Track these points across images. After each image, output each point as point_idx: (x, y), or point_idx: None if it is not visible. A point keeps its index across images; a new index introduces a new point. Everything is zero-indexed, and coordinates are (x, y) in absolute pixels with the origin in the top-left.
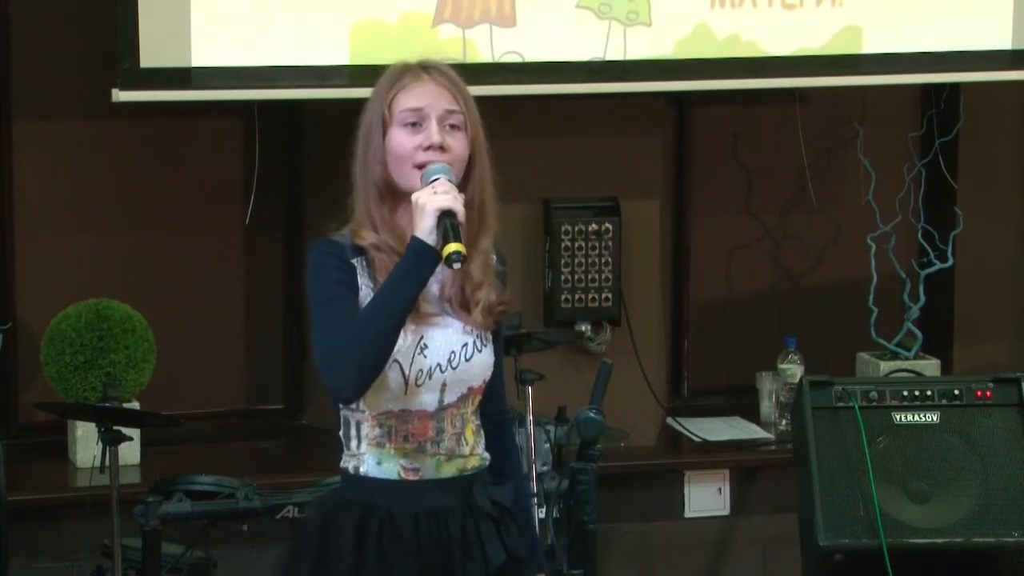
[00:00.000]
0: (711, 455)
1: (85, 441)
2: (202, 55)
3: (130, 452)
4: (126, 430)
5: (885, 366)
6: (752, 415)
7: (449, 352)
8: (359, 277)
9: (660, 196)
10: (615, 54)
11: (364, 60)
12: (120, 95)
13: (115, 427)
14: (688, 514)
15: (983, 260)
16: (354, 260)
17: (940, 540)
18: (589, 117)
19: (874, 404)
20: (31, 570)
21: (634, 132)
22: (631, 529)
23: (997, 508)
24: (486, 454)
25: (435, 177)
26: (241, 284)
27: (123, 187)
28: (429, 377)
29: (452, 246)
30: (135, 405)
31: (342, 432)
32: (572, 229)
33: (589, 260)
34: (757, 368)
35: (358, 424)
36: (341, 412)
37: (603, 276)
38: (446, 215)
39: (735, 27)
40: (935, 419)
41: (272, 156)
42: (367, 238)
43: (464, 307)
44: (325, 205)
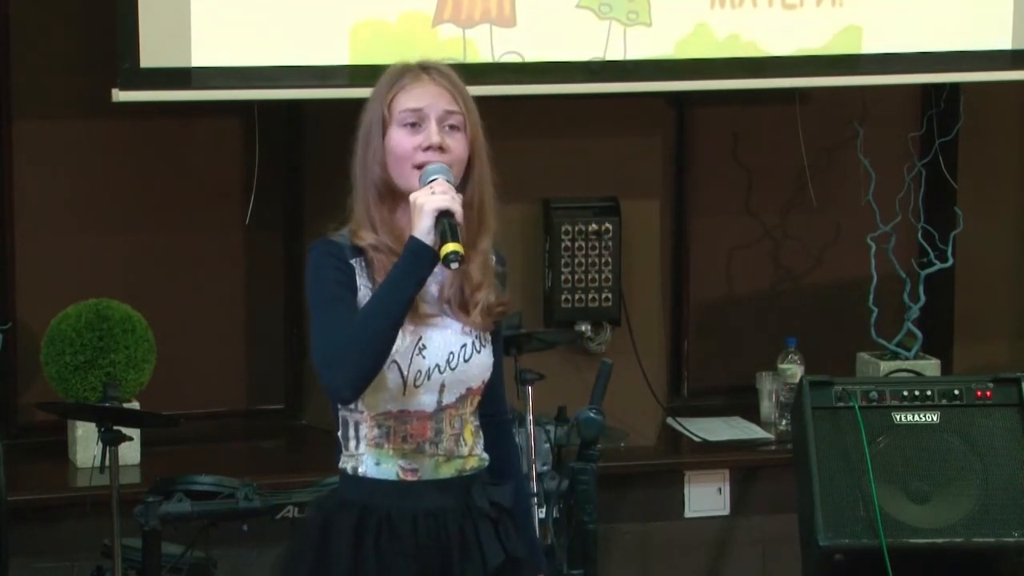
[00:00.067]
0: (711, 455)
1: (85, 441)
2: (202, 55)
3: (130, 452)
4: (126, 430)
5: (885, 366)
6: (752, 415)
7: (448, 353)
8: (358, 277)
9: (660, 196)
10: (615, 54)
11: (364, 60)
12: (120, 95)
13: (115, 427)
14: (688, 514)
15: (983, 260)
16: (353, 260)
17: (940, 540)
18: (589, 117)
19: (874, 404)
20: (31, 570)
21: (634, 132)
22: (631, 529)
23: (997, 508)
24: (485, 455)
25: (433, 177)
26: (241, 284)
27: (123, 187)
28: (428, 378)
29: (450, 246)
30: (135, 405)
31: (341, 433)
32: (572, 229)
33: (589, 260)
34: (757, 368)
35: (357, 425)
36: (340, 413)
37: (603, 276)
38: (444, 215)
39: (735, 27)
40: (935, 419)
41: (272, 156)
42: (366, 238)
43: (463, 308)
44: (325, 205)
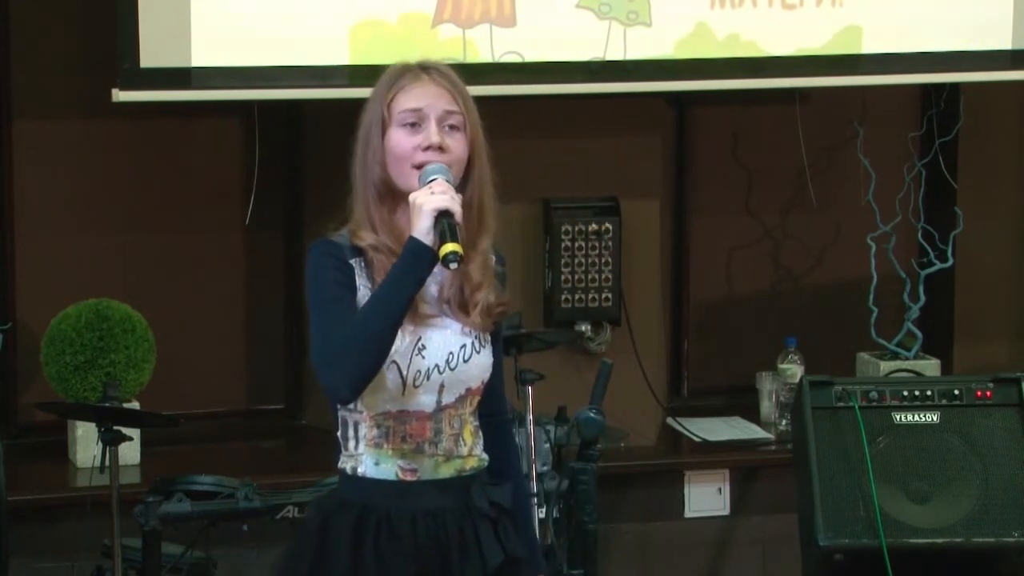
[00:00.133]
0: (711, 455)
1: (85, 441)
2: (202, 55)
3: (130, 452)
4: (126, 430)
5: (885, 366)
6: (752, 415)
7: (447, 353)
8: (357, 277)
9: (660, 196)
10: (615, 54)
11: (364, 60)
12: (120, 95)
13: (115, 427)
14: (688, 514)
15: (983, 260)
16: (352, 260)
17: (940, 540)
18: (589, 117)
19: (874, 404)
20: (31, 570)
21: (634, 132)
22: (631, 529)
23: (997, 508)
24: (484, 455)
25: (433, 178)
26: (241, 284)
27: (123, 187)
28: (427, 378)
29: (449, 246)
30: (135, 405)
31: (340, 433)
32: (572, 229)
33: (589, 260)
34: (757, 368)
35: (356, 425)
36: (339, 413)
37: (603, 276)
38: (443, 215)
39: (735, 27)
40: (935, 419)
41: (272, 156)
42: (366, 239)
43: (463, 308)
44: (325, 205)
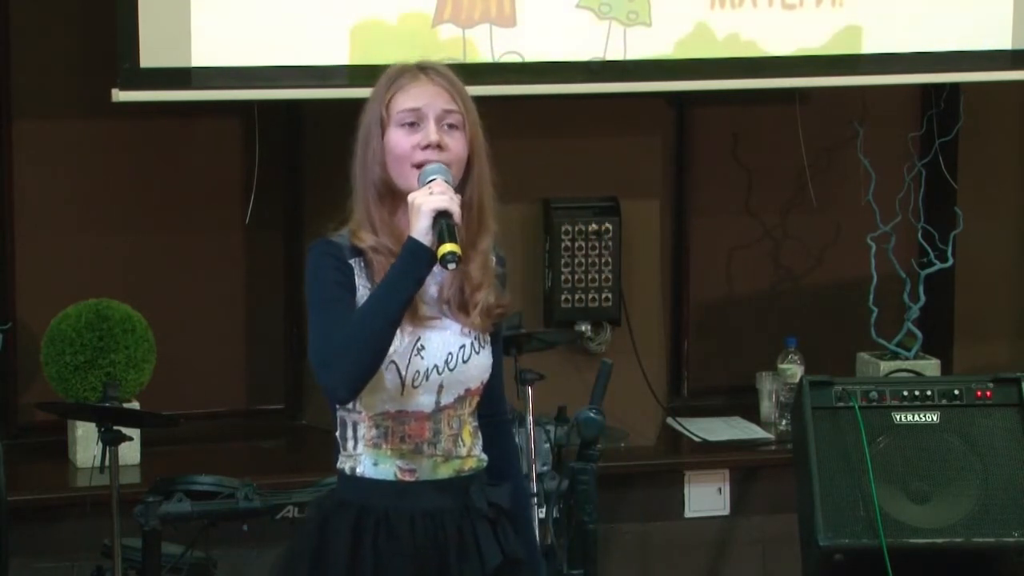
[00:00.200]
0: (711, 455)
1: (85, 441)
2: (202, 55)
3: (130, 452)
4: (126, 430)
5: (885, 366)
6: (752, 415)
7: (446, 354)
8: (357, 278)
9: (660, 196)
10: (615, 54)
11: (364, 60)
12: (120, 95)
13: (115, 427)
14: (688, 514)
15: (983, 260)
16: (352, 260)
17: (940, 540)
18: (589, 117)
19: (874, 404)
20: (31, 570)
21: (634, 132)
22: (631, 529)
23: (997, 508)
24: (484, 455)
25: (432, 178)
26: (241, 284)
27: (123, 187)
28: (426, 378)
29: (447, 247)
30: (135, 405)
31: (339, 433)
32: (572, 229)
33: (589, 260)
34: (757, 368)
35: (355, 425)
36: (338, 413)
37: (603, 276)
38: (442, 216)
39: (735, 27)
40: (935, 419)
41: (272, 156)
42: (366, 240)
43: (463, 309)
44: (325, 205)
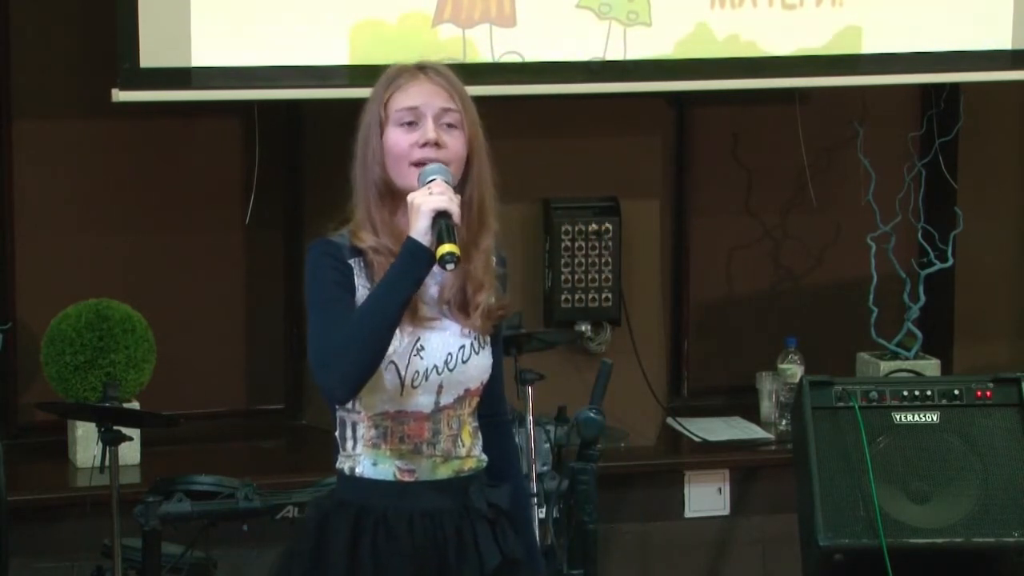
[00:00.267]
0: (711, 455)
1: (85, 441)
2: (202, 55)
3: (130, 452)
4: (126, 430)
5: (885, 366)
6: (752, 415)
7: (446, 354)
8: (356, 278)
9: (660, 196)
10: (615, 54)
11: (364, 60)
12: (120, 95)
13: (115, 427)
14: (688, 514)
15: (983, 260)
16: (351, 260)
17: (940, 540)
18: (589, 117)
19: (874, 404)
20: (31, 570)
21: (634, 132)
22: (631, 529)
23: (997, 508)
24: (483, 456)
25: (431, 178)
26: (241, 284)
27: (123, 187)
28: (425, 379)
29: (446, 247)
30: (135, 405)
31: (338, 433)
32: (572, 229)
33: (589, 260)
34: (757, 368)
35: (354, 425)
36: (337, 413)
37: (603, 276)
38: (441, 216)
39: (735, 27)
40: (935, 419)
41: (272, 156)
42: (366, 240)
43: (463, 310)
44: (325, 205)
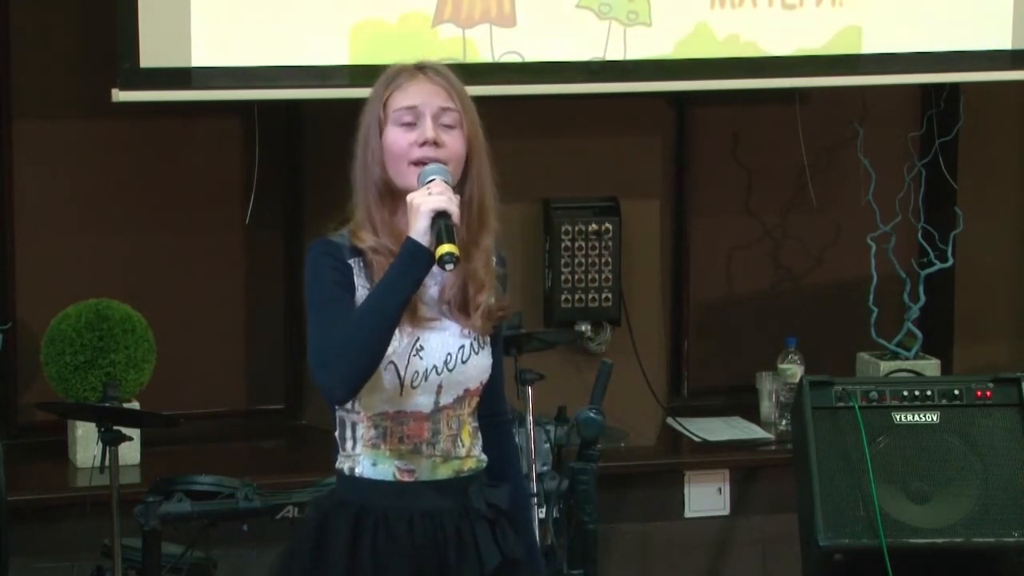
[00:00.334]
0: (711, 455)
1: (85, 441)
2: (202, 55)
3: (130, 452)
4: (126, 430)
5: (885, 366)
6: (752, 415)
7: (445, 354)
8: (356, 278)
9: (660, 196)
10: (615, 54)
11: (364, 60)
12: (120, 95)
13: (115, 427)
14: (688, 514)
15: (983, 260)
16: (351, 260)
17: (940, 540)
18: (589, 117)
19: (874, 404)
20: (31, 570)
21: (634, 132)
22: (631, 529)
23: (997, 508)
24: (483, 456)
25: (431, 178)
26: (241, 284)
27: (123, 187)
28: (425, 379)
29: (445, 247)
30: (135, 405)
31: (338, 433)
32: (572, 229)
33: (589, 260)
34: (757, 368)
35: (353, 425)
36: (337, 413)
37: (603, 276)
38: (440, 216)
39: (735, 27)
40: (935, 419)
41: (272, 156)
42: (366, 240)
43: (464, 310)
44: (325, 205)
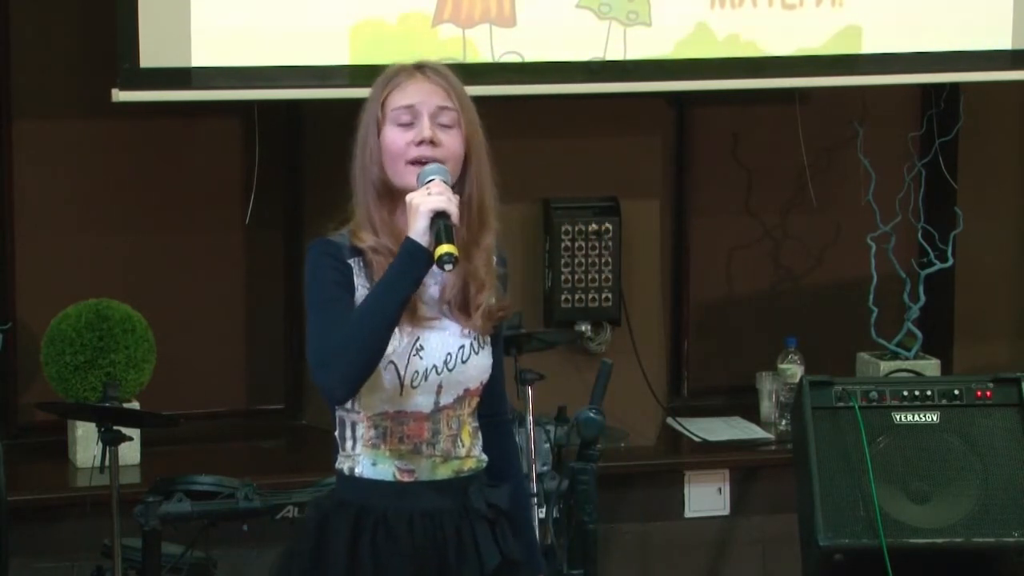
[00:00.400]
0: (711, 455)
1: (85, 441)
2: (202, 55)
3: (130, 452)
4: (126, 430)
5: (885, 366)
6: (752, 415)
7: (445, 354)
8: (356, 277)
9: (660, 196)
10: (615, 54)
11: (364, 60)
12: (120, 95)
13: (115, 427)
14: (688, 514)
15: (983, 260)
16: (351, 260)
17: (940, 540)
18: (589, 117)
19: (874, 404)
20: (31, 570)
21: (634, 132)
22: (631, 529)
23: (997, 508)
24: (483, 456)
25: (430, 178)
26: (241, 284)
27: (123, 187)
28: (424, 379)
29: (444, 248)
30: (135, 405)
31: (338, 433)
32: (572, 229)
33: (589, 260)
34: (757, 368)
35: (353, 425)
36: (337, 413)
37: (603, 276)
38: (439, 216)
39: (735, 27)
40: (935, 419)
41: (272, 156)
42: (366, 240)
43: (464, 310)
44: (325, 205)
